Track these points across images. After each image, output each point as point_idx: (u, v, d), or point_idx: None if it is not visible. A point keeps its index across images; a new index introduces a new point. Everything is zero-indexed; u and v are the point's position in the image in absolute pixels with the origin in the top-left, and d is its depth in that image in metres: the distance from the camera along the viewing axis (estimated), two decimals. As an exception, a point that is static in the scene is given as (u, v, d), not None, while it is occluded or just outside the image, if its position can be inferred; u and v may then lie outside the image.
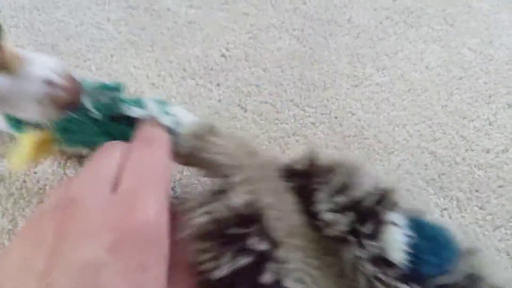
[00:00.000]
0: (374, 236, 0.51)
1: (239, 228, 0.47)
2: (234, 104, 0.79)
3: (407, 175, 0.72)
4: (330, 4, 0.98)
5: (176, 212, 0.48)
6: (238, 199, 0.48)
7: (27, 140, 0.57)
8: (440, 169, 0.73)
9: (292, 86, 0.82)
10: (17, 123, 0.58)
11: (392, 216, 0.53)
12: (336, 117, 0.78)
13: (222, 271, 0.45)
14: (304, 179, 0.55)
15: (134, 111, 0.57)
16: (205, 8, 0.96)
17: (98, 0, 0.95)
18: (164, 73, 0.83)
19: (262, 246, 0.46)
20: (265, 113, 0.78)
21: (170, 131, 0.56)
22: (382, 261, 0.50)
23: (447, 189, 0.71)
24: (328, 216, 0.51)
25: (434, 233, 0.54)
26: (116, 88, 0.58)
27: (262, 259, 0.46)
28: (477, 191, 0.71)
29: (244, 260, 0.45)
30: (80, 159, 0.71)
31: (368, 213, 0.52)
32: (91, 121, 0.56)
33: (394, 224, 0.52)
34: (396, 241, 0.51)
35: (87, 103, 0.55)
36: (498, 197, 0.70)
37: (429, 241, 0.53)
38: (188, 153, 0.56)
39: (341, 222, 0.51)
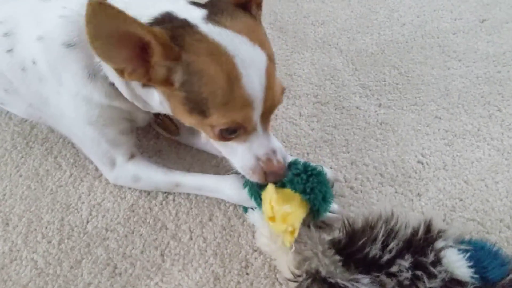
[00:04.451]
0: (437, 262, 0.59)
1: None
2: (439, 218, 0.77)
3: None
4: (529, 113, 0.94)
5: None
6: None
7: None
8: None
9: (500, 204, 0.79)
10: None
11: (444, 240, 0.61)
12: (554, 246, 0.73)
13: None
14: (350, 247, 0.62)
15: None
16: (394, 108, 0.96)
17: (289, 94, 0.99)
18: (361, 177, 0.84)
19: None
20: (474, 232, 0.75)
21: None
22: (454, 283, 0.58)
23: None
24: (393, 269, 0.59)
25: (482, 244, 0.63)
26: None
27: None
28: None
29: None
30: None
31: (424, 244, 0.60)
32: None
33: (449, 246, 0.60)
34: (457, 260, 0.59)
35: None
36: None
37: (482, 251, 0.61)
38: None
39: (403, 267, 0.58)
